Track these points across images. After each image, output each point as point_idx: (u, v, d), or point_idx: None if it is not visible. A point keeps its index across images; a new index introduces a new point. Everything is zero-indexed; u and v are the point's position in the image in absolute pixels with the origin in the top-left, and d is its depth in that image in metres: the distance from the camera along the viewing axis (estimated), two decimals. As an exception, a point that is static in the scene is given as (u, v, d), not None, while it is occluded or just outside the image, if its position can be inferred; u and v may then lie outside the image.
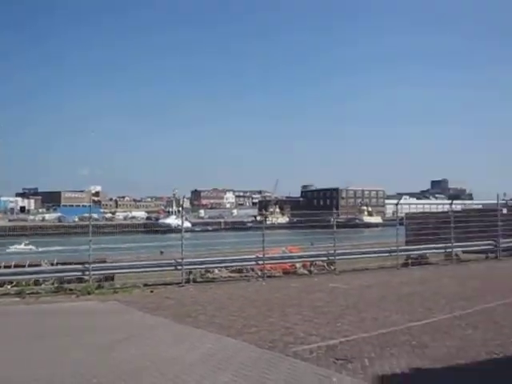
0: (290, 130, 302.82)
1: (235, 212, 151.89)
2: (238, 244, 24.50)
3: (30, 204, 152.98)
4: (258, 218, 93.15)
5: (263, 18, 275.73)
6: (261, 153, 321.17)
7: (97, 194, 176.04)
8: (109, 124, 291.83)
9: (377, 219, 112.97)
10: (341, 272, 18.14)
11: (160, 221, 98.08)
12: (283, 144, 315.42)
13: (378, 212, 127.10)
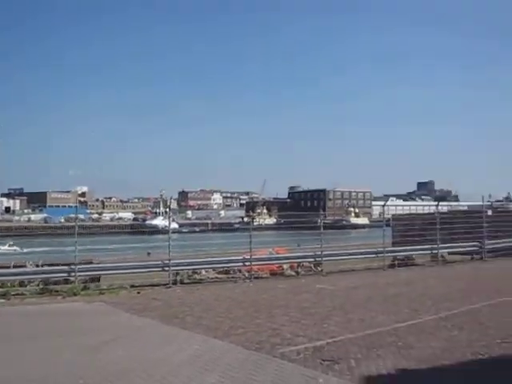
0: (278, 130, 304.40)
1: (222, 213, 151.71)
2: (225, 245, 24.51)
3: (16, 204, 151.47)
4: (246, 219, 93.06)
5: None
6: (248, 153, 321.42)
7: (83, 195, 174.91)
8: (96, 124, 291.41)
9: (364, 220, 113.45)
10: (328, 273, 18.20)
11: (147, 222, 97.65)
12: (270, 144, 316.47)
13: (365, 213, 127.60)
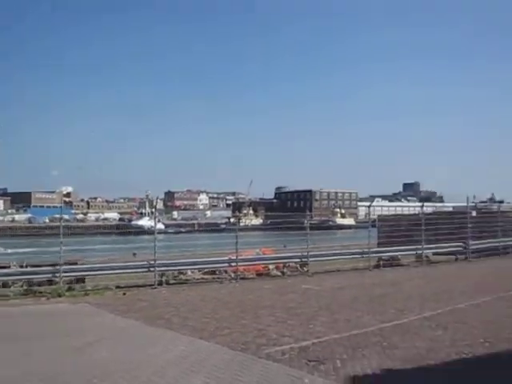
0: (265, 130, 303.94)
1: (209, 213, 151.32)
2: (212, 246, 24.47)
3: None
4: (232, 220, 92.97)
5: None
6: (236, 154, 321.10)
7: (68, 195, 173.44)
8: (90, 124, 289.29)
9: (350, 221, 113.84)
10: (314, 273, 18.24)
11: (133, 222, 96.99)
12: (258, 145, 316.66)
13: (351, 214, 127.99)
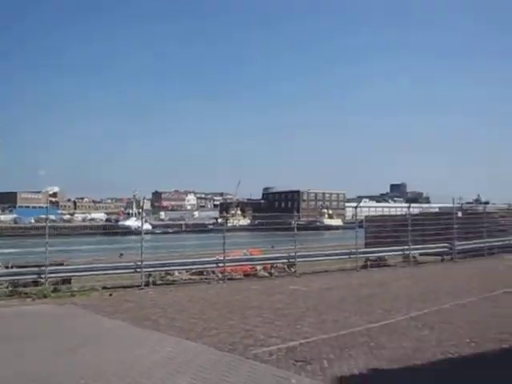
0: (251, 130, 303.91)
1: (196, 214, 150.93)
2: (199, 246, 24.41)
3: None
4: (220, 221, 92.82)
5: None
6: (223, 154, 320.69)
7: (54, 195, 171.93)
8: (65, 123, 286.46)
9: (337, 222, 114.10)
10: (301, 274, 18.27)
11: (120, 223, 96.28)
12: (246, 144, 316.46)
13: (339, 215, 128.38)
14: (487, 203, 45.99)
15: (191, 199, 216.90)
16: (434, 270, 20.10)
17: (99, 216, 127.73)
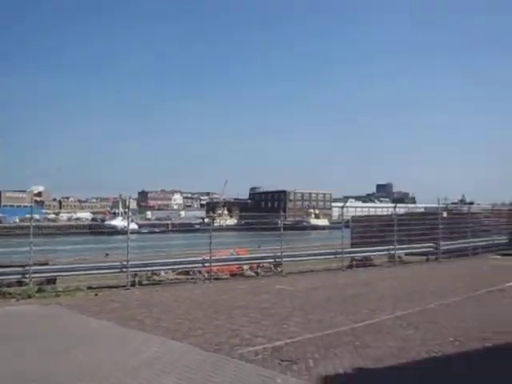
0: (240, 130, 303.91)
1: (183, 214, 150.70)
2: (186, 246, 24.33)
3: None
4: (206, 220, 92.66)
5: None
6: (209, 153, 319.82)
7: (39, 195, 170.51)
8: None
9: (324, 222, 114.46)
10: (287, 274, 18.31)
11: (106, 222, 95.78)
12: (232, 144, 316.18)
13: (325, 215, 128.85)
14: (472, 203, 46.40)
15: (178, 199, 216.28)
16: (419, 270, 20.25)
17: (85, 215, 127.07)
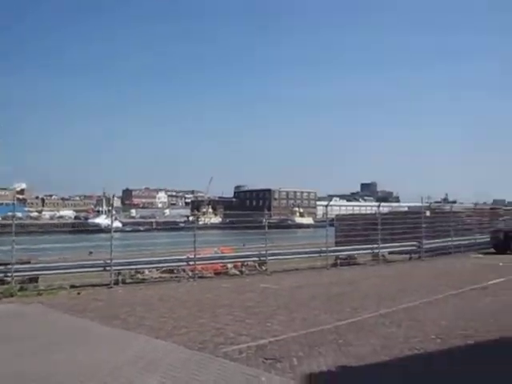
0: (225, 128, 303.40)
1: (167, 212, 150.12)
2: (170, 244, 24.26)
3: None
4: (191, 219, 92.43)
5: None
6: (194, 151, 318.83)
7: (21, 192, 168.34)
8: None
9: (308, 220, 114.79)
10: (272, 272, 18.34)
11: (89, 220, 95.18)
12: (217, 142, 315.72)
13: (310, 213, 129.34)
14: (454, 202, 46.96)
15: (162, 197, 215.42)
16: (403, 269, 20.43)
17: (68, 213, 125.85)
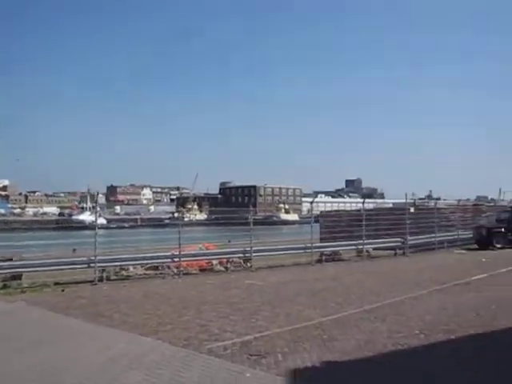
0: (215, 126, 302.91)
1: (152, 208, 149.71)
2: (155, 241, 24.22)
3: None
4: (176, 215, 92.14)
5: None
6: (181, 148, 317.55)
7: (4, 189, 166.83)
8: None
9: (293, 217, 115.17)
10: (257, 269, 18.37)
11: (73, 217, 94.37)
12: (203, 138, 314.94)
13: (295, 210, 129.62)
14: (438, 199, 47.34)
15: (147, 193, 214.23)
16: (387, 264, 20.55)
17: (52, 210, 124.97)
